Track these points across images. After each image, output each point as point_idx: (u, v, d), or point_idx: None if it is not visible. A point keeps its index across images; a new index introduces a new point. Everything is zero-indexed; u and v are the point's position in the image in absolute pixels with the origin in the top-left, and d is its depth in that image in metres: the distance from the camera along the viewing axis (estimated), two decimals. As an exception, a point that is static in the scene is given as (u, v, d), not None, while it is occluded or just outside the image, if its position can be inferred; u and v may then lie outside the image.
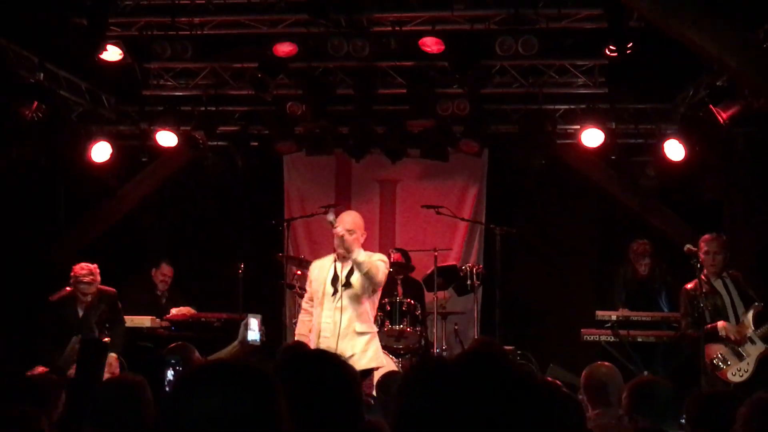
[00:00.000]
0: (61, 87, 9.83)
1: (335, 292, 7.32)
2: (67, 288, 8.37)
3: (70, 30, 8.75)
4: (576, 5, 8.83)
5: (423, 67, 9.93)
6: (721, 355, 7.53)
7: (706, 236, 7.82)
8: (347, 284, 7.29)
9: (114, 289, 8.58)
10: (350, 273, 7.34)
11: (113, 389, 4.13)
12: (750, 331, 7.51)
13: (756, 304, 7.59)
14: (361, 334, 7.33)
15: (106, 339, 7.69)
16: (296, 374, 2.84)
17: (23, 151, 9.65)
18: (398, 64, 9.98)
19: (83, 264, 8.37)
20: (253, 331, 5.25)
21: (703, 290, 7.57)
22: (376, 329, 7.71)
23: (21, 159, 9.69)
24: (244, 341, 5.23)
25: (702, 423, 3.75)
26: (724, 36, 7.33)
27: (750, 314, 7.59)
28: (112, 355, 7.83)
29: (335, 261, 7.44)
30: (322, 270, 7.53)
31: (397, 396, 1.86)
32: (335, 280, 7.35)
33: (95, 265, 8.40)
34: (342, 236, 7.22)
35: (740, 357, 7.50)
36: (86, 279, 8.27)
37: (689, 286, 7.83)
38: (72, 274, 8.33)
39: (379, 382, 5.35)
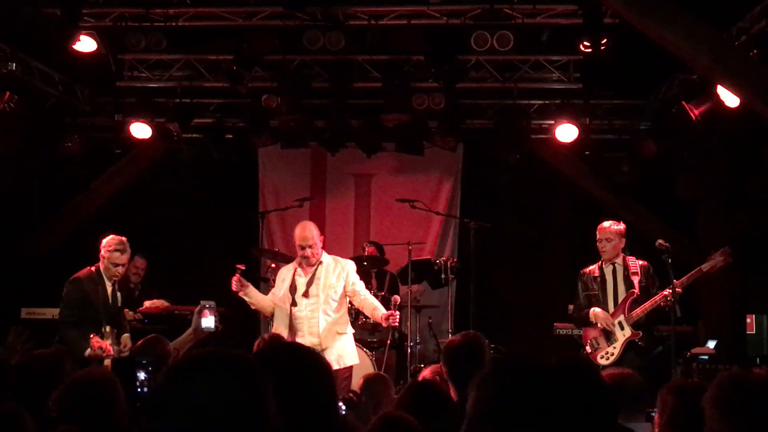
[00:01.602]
0: (34, 78, 9.74)
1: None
2: (91, 267, 7.44)
3: (43, 20, 8.68)
4: (551, 1, 8.88)
5: (398, 61, 9.95)
6: (594, 339, 7.70)
7: (600, 224, 7.92)
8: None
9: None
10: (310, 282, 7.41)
11: (83, 384, 4.08)
12: (621, 317, 7.64)
13: (632, 290, 7.71)
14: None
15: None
16: (272, 365, 2.85)
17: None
18: (374, 57, 9.99)
19: (112, 235, 7.44)
20: (207, 318, 5.20)
21: (593, 275, 7.79)
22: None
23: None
24: (198, 328, 5.19)
25: (674, 414, 3.76)
26: (699, 34, 7.39)
27: (625, 301, 7.72)
28: (126, 336, 7.54)
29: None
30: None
31: (479, 386, 1.83)
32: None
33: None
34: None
35: (609, 341, 7.65)
36: (119, 247, 7.32)
37: (584, 270, 7.96)
38: (102, 247, 7.35)
39: (364, 381, 5.35)
